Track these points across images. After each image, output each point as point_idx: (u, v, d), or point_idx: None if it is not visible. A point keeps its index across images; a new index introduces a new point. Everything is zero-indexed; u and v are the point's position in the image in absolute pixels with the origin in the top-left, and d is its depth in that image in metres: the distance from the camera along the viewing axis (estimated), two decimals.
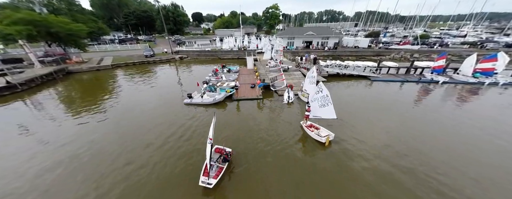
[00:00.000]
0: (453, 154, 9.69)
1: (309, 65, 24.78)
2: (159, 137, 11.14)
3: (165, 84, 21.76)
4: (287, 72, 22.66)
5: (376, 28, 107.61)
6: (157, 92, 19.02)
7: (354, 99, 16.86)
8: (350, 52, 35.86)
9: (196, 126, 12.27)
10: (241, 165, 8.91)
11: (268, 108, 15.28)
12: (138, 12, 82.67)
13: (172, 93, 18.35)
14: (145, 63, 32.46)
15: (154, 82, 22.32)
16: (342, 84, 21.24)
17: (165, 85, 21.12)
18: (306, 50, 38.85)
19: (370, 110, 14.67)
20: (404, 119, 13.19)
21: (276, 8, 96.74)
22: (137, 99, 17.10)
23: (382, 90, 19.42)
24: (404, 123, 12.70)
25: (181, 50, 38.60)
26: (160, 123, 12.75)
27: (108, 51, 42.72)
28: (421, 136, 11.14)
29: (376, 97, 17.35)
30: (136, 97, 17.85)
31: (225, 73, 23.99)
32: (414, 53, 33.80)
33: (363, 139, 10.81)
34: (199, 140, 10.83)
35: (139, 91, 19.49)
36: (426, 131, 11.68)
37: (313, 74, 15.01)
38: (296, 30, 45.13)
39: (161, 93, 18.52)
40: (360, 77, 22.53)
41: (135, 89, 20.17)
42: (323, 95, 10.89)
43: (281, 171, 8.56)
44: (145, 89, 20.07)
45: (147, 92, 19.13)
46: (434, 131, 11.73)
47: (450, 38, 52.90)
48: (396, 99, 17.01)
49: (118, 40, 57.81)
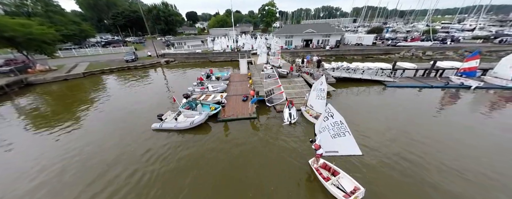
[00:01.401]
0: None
1: (311, 68, 20.93)
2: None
3: (137, 98, 17.64)
4: (286, 78, 18.82)
5: (375, 23, 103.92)
6: (122, 112, 14.89)
7: (374, 112, 13.08)
8: (355, 51, 32.02)
9: (157, 173, 8.38)
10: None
11: (264, 131, 11.45)
12: (127, 12, 77.79)
13: (140, 113, 14.23)
14: (125, 70, 28.36)
15: (125, 96, 18.28)
16: (351, 91, 17.48)
17: (136, 100, 16.94)
18: (306, 50, 34.93)
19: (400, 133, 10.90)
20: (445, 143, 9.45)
21: (272, 5, 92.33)
22: (91, 125, 13.08)
23: (402, 98, 15.66)
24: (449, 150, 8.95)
25: (168, 53, 34.47)
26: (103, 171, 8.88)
27: (88, 56, 38.48)
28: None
29: (399, 109, 13.58)
30: (94, 119, 13.85)
31: (213, 81, 20.09)
32: (427, 50, 30.06)
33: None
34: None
35: (99, 111, 15.20)
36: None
37: (321, 86, 11.18)
38: (294, 28, 41.13)
39: (126, 114, 14.37)
40: (372, 81, 18.76)
41: (96, 109, 15.78)
42: (335, 121, 7.13)
43: None
44: (111, 106, 15.99)
45: (110, 113, 14.95)
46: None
47: (457, 32, 49.19)
48: (423, 109, 13.30)
49: (103, 43, 53.30)
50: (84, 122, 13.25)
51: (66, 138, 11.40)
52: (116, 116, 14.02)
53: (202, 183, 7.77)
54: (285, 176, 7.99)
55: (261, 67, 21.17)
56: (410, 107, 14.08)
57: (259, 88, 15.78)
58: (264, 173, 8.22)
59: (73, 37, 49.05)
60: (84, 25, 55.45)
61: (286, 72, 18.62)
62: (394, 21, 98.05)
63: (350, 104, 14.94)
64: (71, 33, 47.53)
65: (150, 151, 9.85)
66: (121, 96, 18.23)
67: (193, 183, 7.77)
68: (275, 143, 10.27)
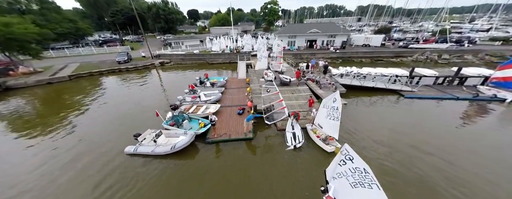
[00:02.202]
0: None
1: (317, 74, 18.63)
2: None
3: (120, 108, 15.53)
4: (288, 86, 16.57)
5: (381, 22, 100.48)
6: (98, 128, 12.81)
7: (389, 128, 10.79)
8: (363, 53, 29.50)
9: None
10: None
11: (262, 157, 9.32)
12: (126, 10, 75.70)
13: (118, 129, 12.17)
14: (116, 72, 26.32)
15: (107, 107, 16.18)
16: (362, 102, 15.19)
17: (118, 111, 14.81)
18: (310, 51, 32.50)
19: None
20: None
21: (274, 3, 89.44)
22: (58, 145, 11.03)
23: (422, 111, 13.33)
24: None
25: (163, 53, 32.33)
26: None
27: (81, 56, 36.53)
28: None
29: (421, 127, 11.27)
30: (63, 139, 11.83)
31: (208, 87, 17.93)
32: (442, 53, 27.42)
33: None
34: None
35: (72, 126, 13.10)
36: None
37: (334, 103, 8.93)
38: (297, 28, 38.63)
39: (101, 130, 12.31)
40: (387, 90, 16.40)
41: (70, 124, 13.90)
42: (356, 167, 4.98)
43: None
44: (88, 119, 13.84)
45: (85, 128, 12.87)
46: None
47: (471, 33, 46.12)
48: (451, 128, 10.98)
49: (100, 41, 51.37)
50: (49, 143, 11.18)
51: (22, 166, 9.37)
52: (90, 134, 11.89)
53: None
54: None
55: (261, 72, 18.88)
56: (433, 124, 11.78)
57: (257, 99, 13.59)
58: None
59: (69, 36, 47.46)
60: (81, 23, 53.64)
61: (289, 79, 16.34)
62: (400, 20, 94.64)
63: (362, 117, 12.70)
64: (66, 32, 45.86)
65: (114, 187, 7.76)
66: (103, 106, 16.08)
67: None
68: (275, 173, 8.16)
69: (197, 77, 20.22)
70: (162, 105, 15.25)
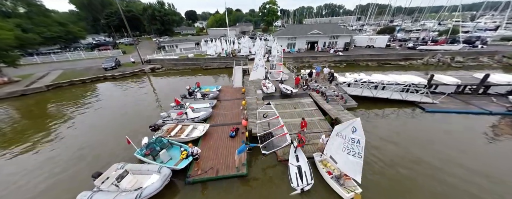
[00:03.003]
0: None
1: (322, 83, 16.35)
2: None
3: (96, 128, 13.26)
4: (290, 98, 14.27)
5: (382, 21, 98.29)
6: (61, 159, 10.46)
7: (408, 151, 8.52)
8: (369, 56, 27.18)
9: None
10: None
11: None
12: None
13: (74, 169, 9.50)
14: (100, 80, 24.00)
15: (82, 126, 13.88)
16: (375, 115, 12.97)
17: (90, 135, 12.43)
18: (311, 55, 30.18)
19: None
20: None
21: (273, 3, 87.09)
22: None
23: (448, 129, 11.05)
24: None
25: (154, 58, 29.99)
26: None
27: (69, 61, 34.21)
28: None
29: (451, 152, 9.00)
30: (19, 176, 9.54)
31: (198, 100, 15.63)
32: (455, 55, 25.12)
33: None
34: None
35: (34, 152, 11.01)
36: None
37: (354, 134, 6.64)
38: (297, 29, 36.32)
39: (64, 163, 9.91)
40: (402, 102, 14.13)
41: (33, 150, 11.74)
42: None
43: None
44: (45, 152, 11.46)
45: (47, 158, 10.65)
46: None
47: (478, 32, 43.81)
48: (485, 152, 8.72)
49: (92, 45, 49.06)
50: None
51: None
52: (52, 167, 9.62)
53: None
54: None
55: (258, 82, 16.48)
56: (462, 141, 9.51)
57: (254, 117, 11.31)
58: None
59: (58, 40, 45.07)
60: (72, 26, 51.25)
61: (291, 90, 14.03)
62: (401, 19, 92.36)
63: (374, 133, 10.50)
64: (55, 36, 43.48)
65: None
66: (70, 132, 13.50)
67: None
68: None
69: (188, 86, 17.95)
70: (143, 123, 12.94)
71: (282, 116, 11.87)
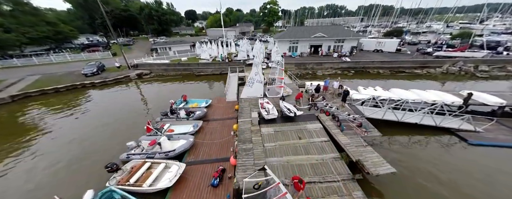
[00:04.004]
0: None
1: (332, 101, 13.33)
2: None
3: (57, 155, 10.44)
4: (292, 121, 11.20)
5: (384, 22, 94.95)
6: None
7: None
8: (380, 63, 24.02)
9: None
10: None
11: None
12: (117, 11, 70.21)
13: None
14: (78, 88, 21.03)
15: (41, 153, 10.99)
16: (398, 144, 10.01)
17: (41, 171, 9.70)
18: (316, 60, 27.10)
19: None
20: None
21: (274, 3, 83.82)
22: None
23: (495, 162, 8.06)
24: None
25: (142, 63, 26.94)
26: None
27: (53, 64, 31.27)
28: None
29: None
30: None
31: (180, 120, 12.64)
32: (479, 63, 21.96)
33: None
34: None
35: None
36: None
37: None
38: (300, 31, 33.20)
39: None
40: (433, 128, 11.13)
41: None
42: None
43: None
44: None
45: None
46: None
47: (494, 36, 40.45)
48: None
49: (82, 46, 46.12)
50: None
51: None
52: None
53: None
54: None
55: (251, 98, 13.39)
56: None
57: (244, 157, 8.31)
58: None
59: (45, 40, 42.09)
60: (63, 26, 48.31)
61: (294, 112, 10.98)
62: (407, 21, 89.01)
63: (401, 169, 7.45)
64: (41, 36, 40.52)
65: None
66: (52, 146, 10.88)
67: None
68: None
69: (171, 101, 15.02)
70: (103, 158, 9.97)
71: (282, 151, 8.93)
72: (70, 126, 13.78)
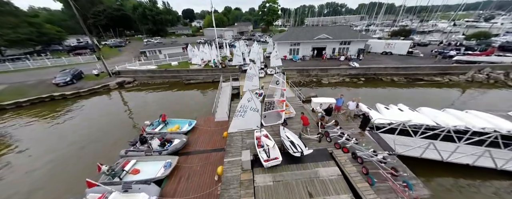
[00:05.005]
0: None
1: (347, 128, 10.26)
2: None
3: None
4: (298, 162, 8.11)
5: (387, 21, 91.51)
6: None
7: None
8: (394, 69, 20.82)
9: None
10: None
11: None
12: (110, 10, 66.55)
13: None
14: (46, 101, 17.91)
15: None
16: (440, 188, 7.00)
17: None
18: (320, 65, 23.93)
19: None
20: None
21: (274, 1, 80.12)
22: None
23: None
24: None
25: (125, 70, 23.71)
26: None
27: (31, 70, 28.10)
28: None
29: None
30: None
31: (151, 155, 9.56)
32: (510, 70, 18.80)
33: None
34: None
35: None
36: None
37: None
38: (302, 33, 29.94)
39: None
40: (492, 170, 8.13)
41: None
42: None
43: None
44: None
45: None
46: None
47: (509, 35, 37.19)
48: None
49: (67, 49, 42.81)
50: None
51: None
52: None
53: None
54: None
55: (242, 129, 10.03)
56: None
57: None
58: None
59: (26, 43, 38.69)
60: (50, 26, 44.90)
61: (301, 151, 7.90)
62: (408, 19, 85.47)
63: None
64: (22, 38, 37.16)
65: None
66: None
67: None
68: None
69: (147, 122, 12.06)
70: None
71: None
72: (16, 163, 10.72)
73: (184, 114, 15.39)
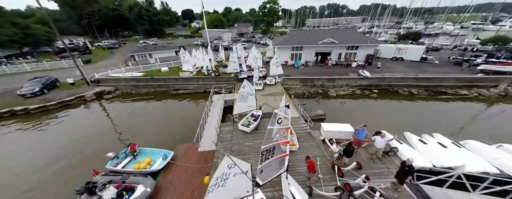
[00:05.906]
0: None
1: (375, 168, 7.37)
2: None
3: None
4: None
5: (389, 22, 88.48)
6: None
7: None
8: (413, 80, 17.83)
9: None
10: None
11: None
12: (105, 10, 63.64)
13: None
14: (4, 118, 15.04)
15: None
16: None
17: None
18: (326, 74, 21.01)
19: None
20: None
21: (274, 2, 77.11)
22: None
23: None
24: None
25: (105, 78, 20.72)
26: None
27: (6, 75, 25.25)
28: None
29: None
30: None
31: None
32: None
33: None
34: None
35: None
36: None
37: None
38: (304, 36, 27.00)
39: None
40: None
41: None
42: None
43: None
44: None
45: None
46: None
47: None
48: None
49: (55, 51, 40.00)
50: None
51: None
52: None
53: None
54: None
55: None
56: None
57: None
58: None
59: (10, 44, 35.86)
60: (39, 26, 42.04)
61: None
62: (411, 20, 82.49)
63: None
64: (4, 39, 34.35)
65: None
66: None
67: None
68: None
69: (111, 154, 9.27)
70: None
71: None
72: None
73: (164, 136, 12.56)
